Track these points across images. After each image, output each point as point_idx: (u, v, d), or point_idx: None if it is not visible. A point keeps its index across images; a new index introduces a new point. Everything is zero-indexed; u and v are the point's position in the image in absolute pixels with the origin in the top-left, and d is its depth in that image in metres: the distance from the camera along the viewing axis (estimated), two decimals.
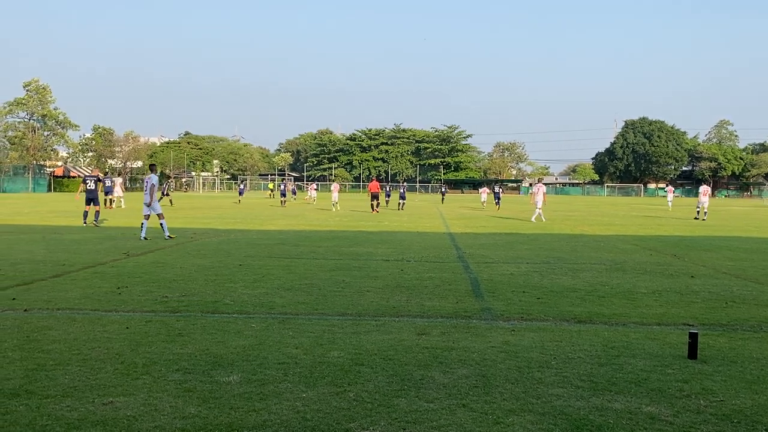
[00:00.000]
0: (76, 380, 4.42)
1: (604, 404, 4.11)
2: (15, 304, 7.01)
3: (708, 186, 31.49)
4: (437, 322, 6.43)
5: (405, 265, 10.79)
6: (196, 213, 28.72)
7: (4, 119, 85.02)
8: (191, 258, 11.38)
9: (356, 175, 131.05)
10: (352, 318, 6.57)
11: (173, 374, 4.59)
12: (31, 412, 3.81)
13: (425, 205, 47.25)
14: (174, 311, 6.80)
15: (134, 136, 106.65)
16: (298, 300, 7.51)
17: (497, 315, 6.82)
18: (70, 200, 46.10)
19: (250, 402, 4.05)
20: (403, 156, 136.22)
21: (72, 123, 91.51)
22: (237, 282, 8.75)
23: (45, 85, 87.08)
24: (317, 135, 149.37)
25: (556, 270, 10.37)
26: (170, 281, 8.73)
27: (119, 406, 3.94)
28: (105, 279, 8.88)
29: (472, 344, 5.57)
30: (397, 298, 7.73)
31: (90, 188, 20.14)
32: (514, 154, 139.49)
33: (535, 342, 5.67)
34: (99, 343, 5.40)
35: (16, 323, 6.11)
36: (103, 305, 7.06)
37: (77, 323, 6.15)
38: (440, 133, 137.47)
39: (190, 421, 3.71)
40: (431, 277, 9.38)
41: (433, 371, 4.76)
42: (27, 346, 5.30)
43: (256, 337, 5.69)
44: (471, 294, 8.08)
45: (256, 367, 4.80)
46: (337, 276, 9.38)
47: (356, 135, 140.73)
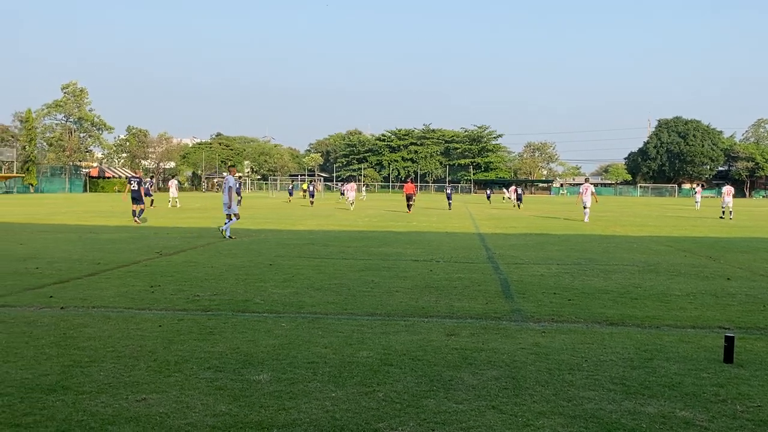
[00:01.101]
0: (111, 377, 4.51)
1: (637, 408, 4.04)
2: (52, 302, 7.18)
3: (731, 186, 31.37)
4: (466, 323, 6.40)
5: (434, 265, 10.76)
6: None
7: (43, 121, 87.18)
8: (222, 257, 11.52)
9: (385, 175, 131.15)
10: (381, 318, 6.57)
11: (205, 372, 4.65)
12: (67, 408, 3.89)
13: (455, 205, 47.06)
14: (205, 310, 6.89)
15: (167, 138, 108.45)
16: (328, 300, 7.54)
17: (527, 316, 6.76)
18: (106, 200, 47.06)
19: (279, 401, 4.08)
20: (433, 156, 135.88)
21: (107, 125, 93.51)
22: (267, 281, 8.83)
23: (82, 87, 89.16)
24: (346, 135, 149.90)
25: (587, 271, 10.23)
26: (202, 280, 8.85)
27: (152, 402, 4.01)
28: (139, 278, 9.04)
29: (501, 345, 5.53)
30: (426, 298, 7.71)
31: (134, 188, 21.63)
32: (544, 154, 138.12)
33: (566, 344, 5.61)
34: (133, 341, 5.50)
35: (53, 321, 6.26)
36: (136, 303, 7.19)
37: (112, 321, 6.28)
38: (470, 133, 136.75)
39: (221, 419, 3.75)
40: (460, 278, 9.34)
41: (463, 372, 4.73)
42: (63, 343, 5.42)
43: (285, 336, 5.73)
44: (501, 295, 8.03)
45: (285, 366, 4.84)
46: (366, 276, 9.40)
47: (385, 135, 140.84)
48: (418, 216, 28.50)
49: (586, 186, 25.59)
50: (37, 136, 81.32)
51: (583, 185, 25.99)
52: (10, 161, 73.56)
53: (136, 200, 21.50)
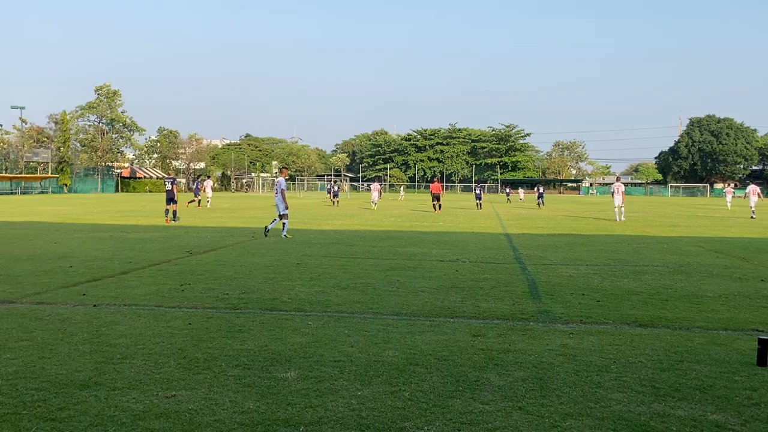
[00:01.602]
0: (141, 373, 4.59)
1: (667, 411, 3.99)
2: (85, 300, 7.34)
3: (756, 185, 31.62)
4: (493, 324, 6.38)
5: (460, 265, 10.73)
6: (255, 213, 29.33)
7: (76, 123, 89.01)
8: (251, 256, 11.64)
9: (411, 175, 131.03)
10: (406, 318, 6.58)
11: (233, 369, 4.71)
12: (99, 403, 3.98)
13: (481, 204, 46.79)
14: (234, 308, 6.97)
15: (197, 138, 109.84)
16: (354, 299, 7.58)
17: (555, 317, 6.71)
18: (137, 200, 47.84)
19: (306, 398, 4.11)
20: (459, 156, 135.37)
21: (138, 126, 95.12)
22: (294, 280, 8.90)
23: (115, 89, 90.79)
24: (372, 136, 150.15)
25: (616, 272, 10.10)
26: (230, 279, 8.96)
27: (181, 399, 4.08)
28: (169, 276, 9.18)
29: (528, 347, 5.49)
30: (452, 298, 7.70)
31: (168, 189, 22.19)
32: (573, 154, 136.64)
33: (595, 345, 5.55)
34: (163, 338, 5.60)
35: (86, 318, 6.40)
36: (167, 301, 7.31)
37: (142, 318, 6.39)
38: (497, 132, 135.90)
39: (249, 416, 3.80)
40: (487, 279, 9.30)
41: (489, 373, 4.72)
42: (96, 340, 5.54)
43: (312, 335, 5.78)
44: (528, 296, 7.97)
45: (312, 364, 4.88)
46: (392, 276, 9.42)
47: (411, 135, 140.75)
48: (444, 216, 28.43)
49: (618, 185, 25.52)
50: (71, 138, 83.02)
51: (614, 184, 25.98)
52: (46, 162, 75.27)
53: (170, 200, 21.98)
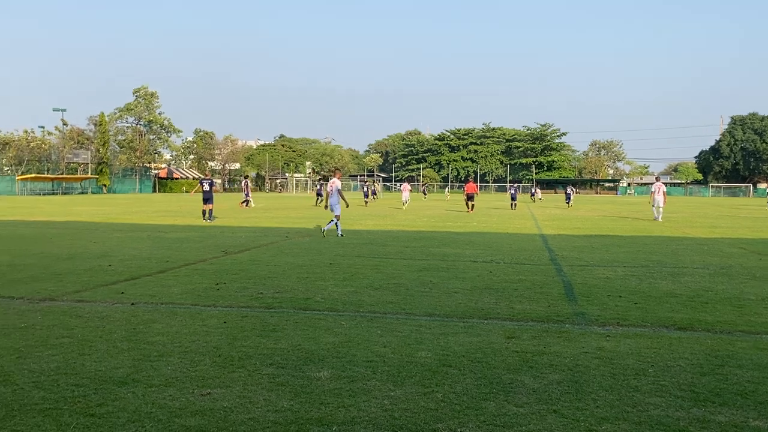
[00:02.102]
0: (178, 371, 4.66)
1: (707, 416, 3.89)
2: (123, 298, 7.49)
3: None
4: (527, 326, 6.30)
5: (494, 266, 10.64)
6: (289, 213, 29.59)
7: (115, 124, 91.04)
8: (284, 256, 11.74)
9: (444, 175, 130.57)
10: (439, 319, 6.55)
11: (267, 368, 4.76)
12: (137, 400, 4.06)
13: (519, 204, 46.37)
14: (268, 307, 7.04)
15: (232, 140, 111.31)
16: (386, 299, 7.58)
17: (591, 320, 6.60)
18: (174, 200, 48.69)
19: (339, 398, 4.13)
20: (493, 156, 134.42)
21: (175, 128, 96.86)
22: (327, 280, 8.94)
23: (153, 91, 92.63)
24: (405, 136, 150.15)
25: (655, 274, 9.90)
26: (265, 278, 9.04)
27: (216, 397, 4.13)
28: (204, 275, 9.31)
29: (564, 349, 5.42)
30: (485, 300, 7.64)
31: (205, 189, 22.52)
32: (611, 153, 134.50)
33: (632, 348, 5.44)
34: (198, 337, 5.68)
35: (124, 316, 6.53)
36: (202, 300, 7.41)
37: (179, 317, 6.50)
38: (532, 132, 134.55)
39: (282, 415, 3.83)
40: (521, 280, 9.21)
41: (523, 375, 4.67)
42: (134, 337, 5.65)
43: (345, 335, 5.79)
44: (564, 298, 7.86)
45: (345, 363, 4.89)
46: (425, 276, 9.39)
47: (445, 135, 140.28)
48: (478, 216, 28.25)
49: (658, 185, 25.51)
50: (110, 139, 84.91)
51: (655, 184, 25.95)
52: (86, 163, 77.14)
53: (206, 200, 22.32)
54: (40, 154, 74.62)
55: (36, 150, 73.91)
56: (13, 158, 71.70)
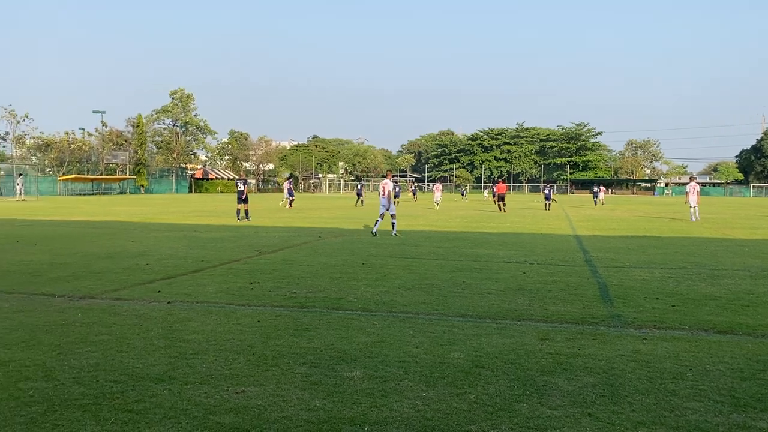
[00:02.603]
0: (212, 369, 4.73)
1: (747, 422, 3.79)
2: (160, 297, 7.63)
3: None
4: (561, 328, 6.23)
5: (528, 267, 10.54)
6: (322, 213, 29.76)
7: (152, 126, 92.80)
8: (317, 256, 11.81)
9: (477, 175, 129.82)
10: (472, 320, 6.52)
11: (300, 367, 4.79)
12: (173, 397, 4.13)
13: (553, 205, 45.85)
14: (301, 306, 7.09)
15: (267, 140, 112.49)
16: (419, 300, 7.57)
17: (627, 322, 6.49)
18: (209, 200, 49.40)
19: (372, 398, 4.14)
20: (527, 155, 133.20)
21: (211, 129, 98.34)
22: (360, 280, 8.97)
23: (189, 93, 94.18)
24: (438, 136, 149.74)
25: (693, 276, 9.68)
26: (298, 278, 9.12)
27: (250, 395, 4.17)
28: (239, 275, 9.43)
29: (599, 352, 5.34)
30: (519, 301, 7.57)
31: (240, 189, 22.99)
32: (647, 153, 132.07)
33: (669, 352, 5.34)
34: (233, 335, 5.75)
35: (160, 314, 6.65)
36: (237, 299, 7.51)
37: (214, 315, 6.59)
38: (567, 131, 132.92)
39: (315, 414, 3.85)
40: (556, 281, 9.10)
41: (557, 377, 4.61)
42: (170, 335, 5.75)
43: (377, 335, 5.80)
44: (599, 299, 7.75)
45: (378, 363, 4.90)
46: (458, 277, 9.35)
47: (478, 135, 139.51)
48: (511, 217, 28.02)
49: (693, 185, 25.56)
50: (147, 140, 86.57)
51: (690, 184, 25.91)
52: (124, 164, 78.81)
53: (241, 200, 22.76)
54: (81, 155, 76.47)
55: (76, 151, 75.77)
56: (54, 159, 73.62)
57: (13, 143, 71.01)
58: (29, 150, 74.28)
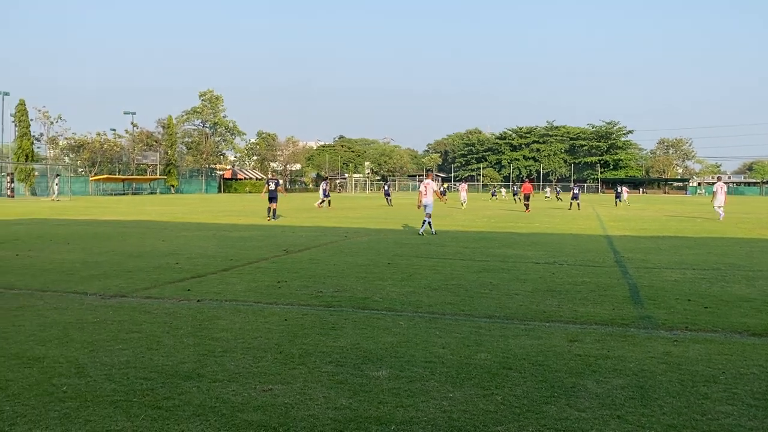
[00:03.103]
0: (240, 367, 4.78)
1: None
2: (189, 295, 7.73)
3: None
4: (591, 329, 6.15)
5: (557, 268, 10.43)
6: (348, 213, 29.85)
7: (182, 127, 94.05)
8: (344, 256, 11.85)
9: (506, 174, 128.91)
10: (499, 321, 6.47)
11: (326, 366, 4.81)
12: (201, 394, 4.18)
13: (582, 205, 45.36)
14: (328, 306, 7.12)
15: (294, 141, 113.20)
16: (445, 300, 7.54)
17: (658, 324, 6.38)
18: (238, 200, 49.90)
19: (398, 398, 4.13)
20: (556, 154, 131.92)
21: (239, 130, 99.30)
22: (386, 280, 8.97)
23: (218, 95, 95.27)
24: (465, 135, 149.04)
25: (727, 277, 9.48)
26: (324, 277, 9.15)
27: (277, 393, 4.20)
28: (266, 274, 9.50)
29: (629, 354, 5.26)
30: (547, 302, 7.49)
31: (271, 189, 23.56)
32: (680, 151, 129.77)
33: (701, 354, 5.23)
34: (260, 333, 5.80)
35: (190, 312, 6.73)
36: (264, 298, 7.57)
37: (242, 314, 6.65)
38: (597, 130, 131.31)
39: (341, 413, 3.86)
40: (585, 282, 8.99)
41: (586, 380, 4.55)
42: (199, 333, 5.82)
43: (403, 335, 5.80)
44: (629, 301, 7.63)
45: (404, 363, 4.89)
46: (485, 278, 9.29)
47: (506, 133, 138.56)
48: (540, 217, 27.76)
49: (720, 185, 26.34)
50: (177, 141, 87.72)
51: (717, 184, 26.57)
52: (154, 164, 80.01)
53: (272, 199, 23.28)
54: (112, 156, 77.79)
55: (108, 152, 77.10)
56: (87, 160, 75.04)
57: (46, 144, 72.58)
58: (62, 151, 75.82)
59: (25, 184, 60.05)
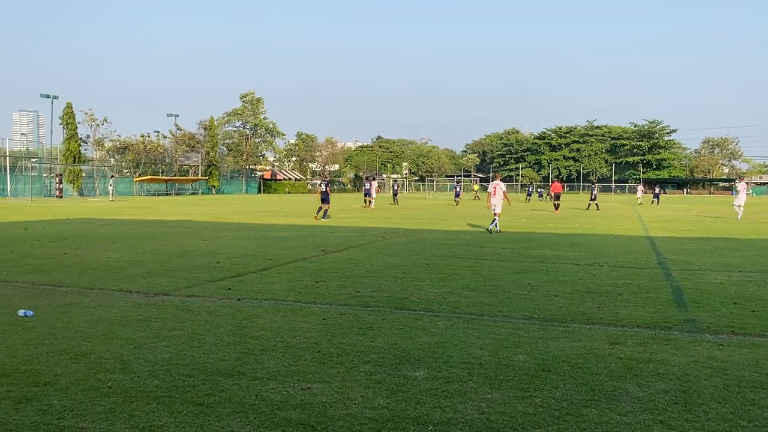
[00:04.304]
0: (280, 365, 4.84)
1: None
2: (230, 294, 7.86)
3: None
4: (632, 332, 6.04)
5: (597, 269, 10.27)
6: (385, 213, 29.89)
7: (223, 128, 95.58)
8: (381, 256, 11.88)
9: (545, 174, 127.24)
10: (538, 322, 6.40)
11: (364, 366, 4.83)
12: (241, 392, 4.24)
13: (620, 206, 44.55)
14: (365, 305, 7.15)
15: (332, 141, 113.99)
16: (483, 301, 7.49)
17: (703, 327, 6.23)
18: (277, 201, 50.44)
19: (435, 398, 4.13)
20: (597, 154, 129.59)
21: (279, 131, 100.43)
22: (423, 280, 8.96)
23: (259, 97, 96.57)
24: (503, 135, 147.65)
25: None
26: (362, 277, 9.19)
27: (316, 392, 4.24)
28: (305, 273, 9.59)
29: (672, 357, 5.14)
30: (587, 304, 7.38)
31: (323, 190, 24.63)
32: (725, 151, 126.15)
33: (748, 359, 5.08)
34: (299, 332, 5.86)
35: (230, 311, 6.85)
36: (303, 297, 7.64)
37: (281, 313, 6.73)
38: (640, 129, 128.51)
39: (379, 412, 3.88)
40: (626, 284, 8.82)
41: (627, 383, 4.47)
42: (239, 331, 5.91)
43: (441, 335, 5.78)
44: (672, 303, 7.46)
45: (441, 364, 4.88)
46: (523, 279, 9.20)
47: (545, 133, 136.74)
48: (580, 217, 27.35)
49: (743, 184, 26.69)
50: (219, 142, 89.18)
51: (740, 183, 26.93)
52: (196, 165, 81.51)
53: (324, 201, 24.27)
54: (156, 157, 79.58)
55: (152, 153, 78.91)
56: (131, 161, 76.91)
57: (93, 146, 74.63)
58: (108, 152, 77.86)
59: (72, 185, 61.94)
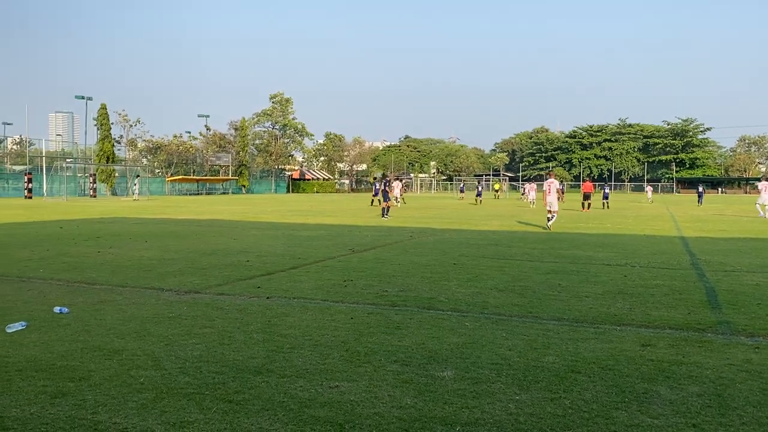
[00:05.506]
0: (308, 363, 4.87)
1: None
2: (260, 292, 7.93)
3: None
4: (664, 334, 5.93)
5: (629, 270, 10.11)
6: (413, 213, 29.86)
7: (253, 129, 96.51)
8: (409, 255, 11.87)
9: (576, 174, 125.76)
10: (568, 323, 6.33)
11: (392, 365, 4.84)
12: (270, 389, 4.28)
13: (654, 206, 43.81)
14: (393, 305, 7.15)
15: (360, 141, 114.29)
16: (512, 301, 7.44)
17: (738, 330, 6.09)
18: (306, 200, 50.74)
19: (463, 399, 4.11)
20: (629, 153, 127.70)
21: (308, 132, 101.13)
22: (451, 280, 8.93)
23: (288, 97, 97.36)
24: (533, 134, 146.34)
25: None
26: (390, 276, 9.20)
27: (344, 390, 4.26)
28: (333, 272, 9.63)
29: (705, 360, 5.04)
30: (619, 305, 7.28)
31: (385, 190, 26.38)
32: (763, 149, 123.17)
33: None
34: (327, 331, 5.89)
35: (260, 309, 6.91)
36: (331, 296, 7.68)
37: (309, 311, 6.77)
38: (673, 127, 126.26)
39: (407, 412, 3.88)
40: (659, 285, 8.67)
41: (659, 386, 4.40)
42: (268, 329, 5.96)
43: (469, 336, 5.76)
44: (706, 305, 7.32)
45: (469, 364, 4.86)
46: (553, 279, 9.11)
47: (576, 132, 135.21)
48: (612, 217, 26.97)
49: (764, 183, 26.55)
50: (249, 143, 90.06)
51: (761, 183, 26.92)
52: (227, 165, 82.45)
53: (385, 199, 25.70)
54: (187, 157, 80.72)
55: (183, 153, 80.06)
56: (163, 161, 78.14)
57: (126, 146, 76.00)
58: (140, 152, 79.22)
59: (106, 185, 63.19)
